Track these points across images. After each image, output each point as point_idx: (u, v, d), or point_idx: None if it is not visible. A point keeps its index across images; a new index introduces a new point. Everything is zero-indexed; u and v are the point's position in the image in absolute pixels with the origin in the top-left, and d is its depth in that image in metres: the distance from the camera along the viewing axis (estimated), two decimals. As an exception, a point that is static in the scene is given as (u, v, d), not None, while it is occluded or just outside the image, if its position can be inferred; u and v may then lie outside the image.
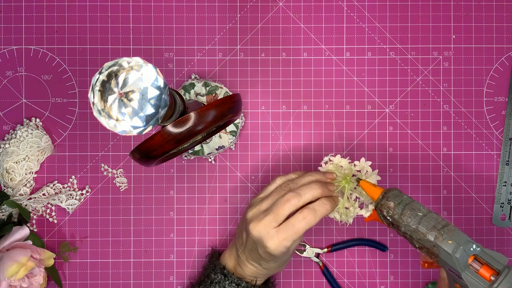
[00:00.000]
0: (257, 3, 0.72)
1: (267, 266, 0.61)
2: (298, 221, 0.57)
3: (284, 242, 0.57)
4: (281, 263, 0.62)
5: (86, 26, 0.72)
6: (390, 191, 0.56)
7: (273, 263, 0.60)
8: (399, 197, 0.55)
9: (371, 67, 0.72)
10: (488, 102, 0.72)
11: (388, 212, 0.55)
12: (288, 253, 0.60)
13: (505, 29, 0.72)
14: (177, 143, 0.49)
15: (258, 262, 0.61)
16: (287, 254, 0.59)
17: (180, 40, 0.72)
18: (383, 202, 0.56)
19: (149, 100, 0.41)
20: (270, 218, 0.57)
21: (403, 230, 0.54)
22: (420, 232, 0.53)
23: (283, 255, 0.59)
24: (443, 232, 0.52)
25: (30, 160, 0.69)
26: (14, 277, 0.62)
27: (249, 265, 0.62)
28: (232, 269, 0.63)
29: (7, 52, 0.71)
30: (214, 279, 0.62)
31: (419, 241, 0.53)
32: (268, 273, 0.63)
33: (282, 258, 0.60)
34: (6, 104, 0.71)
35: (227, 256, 0.64)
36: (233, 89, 0.72)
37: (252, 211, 0.60)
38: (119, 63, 0.41)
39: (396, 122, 0.72)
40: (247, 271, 0.62)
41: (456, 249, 0.51)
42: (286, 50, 0.72)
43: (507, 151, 0.72)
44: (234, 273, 0.62)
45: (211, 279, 0.63)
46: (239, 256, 0.62)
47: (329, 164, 0.64)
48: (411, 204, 0.55)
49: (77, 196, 0.71)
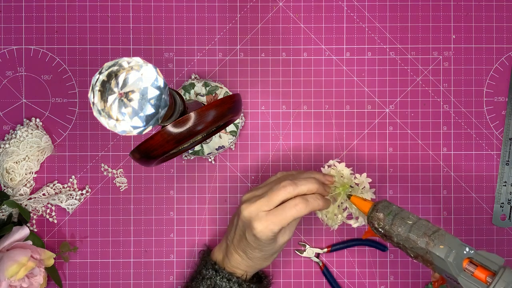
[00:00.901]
0: (257, 3, 0.72)
1: (252, 255, 0.61)
2: (289, 207, 0.57)
3: (271, 226, 0.57)
4: (266, 254, 0.61)
5: (86, 26, 0.72)
6: (379, 203, 0.56)
7: (258, 252, 0.60)
8: (388, 207, 0.56)
9: (371, 67, 0.72)
10: (488, 102, 0.72)
11: (379, 223, 0.55)
12: (274, 245, 0.60)
13: (505, 29, 0.72)
14: (177, 143, 0.49)
15: (244, 250, 0.61)
16: (273, 244, 0.59)
17: (180, 40, 0.72)
18: (373, 215, 0.56)
19: (149, 100, 0.41)
20: (263, 201, 0.58)
21: (396, 240, 0.54)
22: (411, 240, 0.53)
23: (268, 243, 0.59)
24: (434, 237, 0.52)
25: (30, 160, 0.69)
26: (14, 277, 0.62)
27: (235, 254, 0.62)
28: (221, 262, 0.63)
29: (7, 52, 0.71)
30: (206, 275, 0.63)
31: (412, 250, 0.53)
32: (253, 265, 0.62)
33: (267, 248, 0.60)
34: (6, 104, 0.71)
35: (216, 250, 0.65)
36: (233, 89, 0.72)
37: (247, 195, 0.61)
38: (119, 63, 0.41)
39: (396, 122, 0.72)
40: (232, 261, 0.62)
41: (449, 253, 0.51)
42: (286, 50, 0.72)
43: (507, 151, 0.72)
44: (224, 268, 0.63)
45: (203, 275, 0.63)
46: (227, 247, 0.63)
47: (332, 168, 0.64)
48: (400, 213, 0.55)
49: (77, 196, 0.71)
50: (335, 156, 0.72)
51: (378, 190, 0.72)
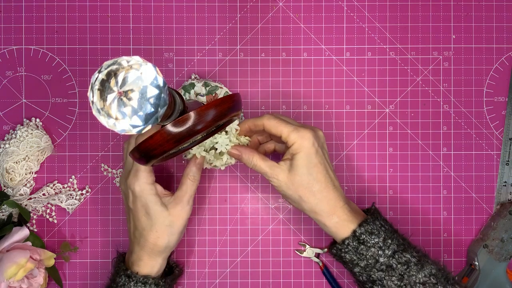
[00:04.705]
0: (257, 3, 0.72)
1: (139, 225, 0.61)
2: None
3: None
4: (143, 224, 0.61)
5: (86, 26, 0.72)
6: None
7: (136, 220, 0.61)
8: None
9: (371, 67, 0.72)
10: (488, 102, 0.72)
11: None
12: (147, 218, 0.61)
13: (505, 29, 0.72)
14: (176, 142, 0.49)
15: (133, 232, 0.62)
16: (140, 206, 0.60)
17: (180, 40, 0.72)
18: None
19: (148, 99, 0.41)
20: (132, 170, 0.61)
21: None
22: None
23: (137, 202, 0.60)
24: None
25: (30, 160, 0.69)
26: (13, 278, 0.62)
27: (131, 245, 0.63)
28: (134, 265, 0.63)
29: (7, 52, 0.71)
30: (119, 283, 0.62)
31: None
32: (141, 248, 0.62)
33: (139, 215, 0.61)
34: (6, 104, 0.71)
35: (127, 255, 0.65)
36: (233, 89, 0.72)
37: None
38: (118, 62, 0.41)
39: (396, 122, 0.72)
40: (132, 255, 0.62)
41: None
42: (286, 50, 0.72)
43: (507, 151, 0.72)
44: (138, 272, 0.62)
45: (116, 283, 0.62)
46: (131, 243, 0.63)
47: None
48: None
49: (77, 196, 0.71)
50: (335, 156, 0.72)
51: (378, 190, 0.72)
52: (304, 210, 0.61)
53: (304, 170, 0.58)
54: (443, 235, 0.72)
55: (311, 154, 0.58)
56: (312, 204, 0.59)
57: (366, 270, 0.59)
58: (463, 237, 0.72)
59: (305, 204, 0.60)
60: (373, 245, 0.58)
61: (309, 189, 0.59)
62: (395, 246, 0.58)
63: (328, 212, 0.60)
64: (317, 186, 0.59)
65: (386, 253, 0.58)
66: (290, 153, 0.60)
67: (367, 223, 0.59)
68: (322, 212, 0.60)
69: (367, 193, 0.71)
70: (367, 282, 0.59)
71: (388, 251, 0.58)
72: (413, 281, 0.57)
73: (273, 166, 0.60)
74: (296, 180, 0.59)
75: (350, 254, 0.59)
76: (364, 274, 0.59)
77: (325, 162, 0.60)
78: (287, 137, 0.59)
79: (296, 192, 0.59)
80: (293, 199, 0.60)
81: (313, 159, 0.59)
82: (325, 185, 0.59)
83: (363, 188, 0.72)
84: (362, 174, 0.72)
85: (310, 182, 0.59)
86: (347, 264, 0.61)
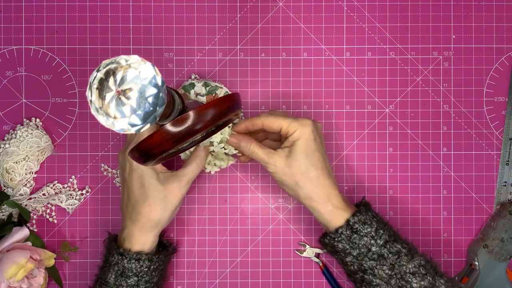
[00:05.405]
0: (257, 3, 0.72)
1: (132, 197, 0.61)
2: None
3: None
4: (137, 197, 0.61)
5: (86, 26, 0.72)
6: None
7: (130, 192, 0.62)
8: None
9: (371, 67, 0.72)
10: (488, 102, 0.72)
11: None
12: (139, 188, 0.61)
13: (505, 29, 0.72)
14: (176, 142, 0.49)
15: (126, 205, 0.62)
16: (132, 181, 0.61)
17: (180, 40, 0.72)
18: None
19: (147, 98, 0.41)
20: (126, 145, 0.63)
21: None
22: None
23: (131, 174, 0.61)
24: None
25: (30, 160, 0.70)
26: (13, 278, 0.62)
27: (123, 220, 0.63)
28: (126, 243, 0.62)
29: (7, 52, 0.72)
30: (112, 262, 0.62)
31: None
32: (133, 223, 0.62)
33: (134, 187, 0.61)
34: (6, 104, 0.71)
35: (119, 234, 0.65)
36: (233, 89, 0.72)
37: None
38: (117, 60, 0.41)
39: (396, 122, 0.72)
40: (123, 232, 0.63)
41: None
42: (286, 50, 0.72)
43: (507, 151, 0.71)
44: (130, 249, 0.62)
45: (109, 262, 0.62)
46: (123, 216, 0.63)
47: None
48: None
49: (77, 196, 0.71)
50: (335, 156, 0.71)
51: (379, 190, 0.71)
52: (299, 196, 0.62)
53: (303, 155, 0.60)
54: (443, 235, 0.72)
55: (310, 140, 0.60)
56: (308, 190, 0.60)
57: (358, 259, 0.60)
58: (463, 237, 0.72)
59: (301, 190, 0.61)
60: (366, 235, 0.59)
61: (306, 175, 0.60)
62: (386, 236, 0.59)
63: (323, 199, 0.61)
64: (314, 172, 0.60)
65: (378, 243, 0.59)
66: (290, 141, 0.61)
67: (360, 213, 0.60)
68: (317, 198, 0.61)
69: (367, 193, 0.71)
70: (358, 272, 0.60)
71: (380, 240, 0.59)
72: (403, 271, 0.58)
73: (270, 152, 0.61)
74: (294, 165, 0.60)
75: (343, 243, 0.60)
76: (355, 263, 0.60)
77: (322, 151, 0.62)
78: (288, 127, 0.60)
79: (292, 177, 0.60)
80: (289, 185, 0.61)
81: (312, 145, 0.60)
82: (321, 172, 0.60)
83: (363, 188, 0.72)
84: (362, 174, 0.72)
85: (308, 167, 0.60)
86: (338, 253, 0.61)
